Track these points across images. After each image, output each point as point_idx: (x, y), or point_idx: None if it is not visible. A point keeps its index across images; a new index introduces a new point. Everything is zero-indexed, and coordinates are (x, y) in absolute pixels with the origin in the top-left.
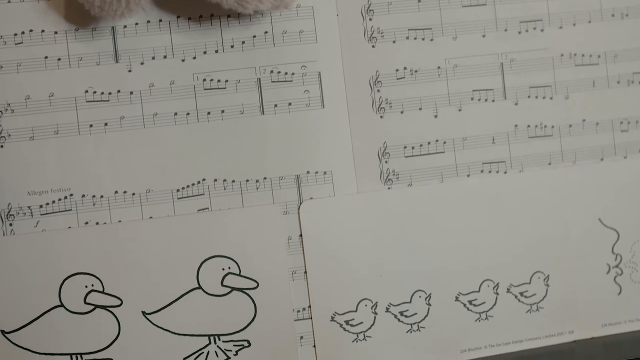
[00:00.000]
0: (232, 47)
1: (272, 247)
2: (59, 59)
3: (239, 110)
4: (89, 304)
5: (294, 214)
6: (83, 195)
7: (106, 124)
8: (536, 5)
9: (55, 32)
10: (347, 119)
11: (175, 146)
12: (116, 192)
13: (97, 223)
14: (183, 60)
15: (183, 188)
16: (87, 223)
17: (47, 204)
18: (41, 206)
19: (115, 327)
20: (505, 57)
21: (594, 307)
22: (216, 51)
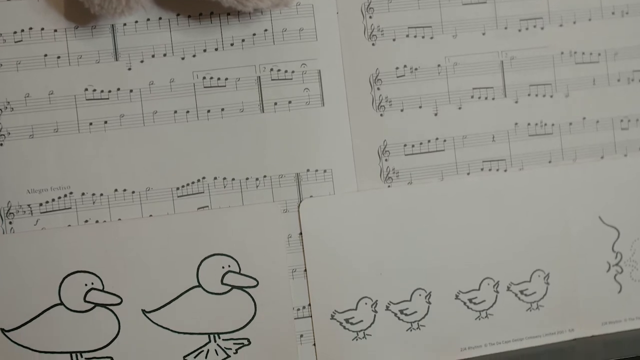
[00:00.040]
0: (232, 45)
1: (272, 246)
2: (59, 57)
3: (238, 109)
4: (88, 302)
5: (294, 212)
6: (83, 194)
7: (106, 122)
8: (536, 3)
9: (55, 30)
10: (347, 117)
11: (175, 144)
12: (116, 190)
13: (97, 221)
14: (183, 59)
15: (183, 186)
16: (87, 221)
17: (47, 202)
18: (41, 204)
19: (115, 325)
20: (506, 55)
21: (594, 305)
22: (216, 49)
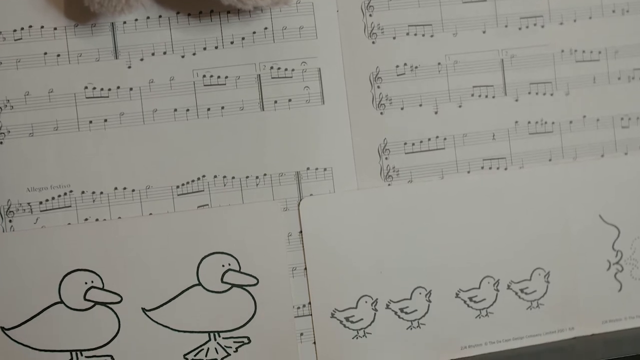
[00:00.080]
0: (231, 43)
1: (272, 244)
2: (59, 55)
3: (238, 107)
4: (88, 300)
5: (294, 210)
6: (83, 192)
7: (106, 120)
8: (537, 2)
9: (55, 28)
10: (347, 115)
11: (175, 142)
12: (116, 188)
13: (96, 220)
14: (183, 57)
15: (183, 184)
16: (86, 219)
17: (47, 200)
18: (41, 203)
19: (115, 323)
20: (506, 53)
21: (595, 303)
22: (216, 47)
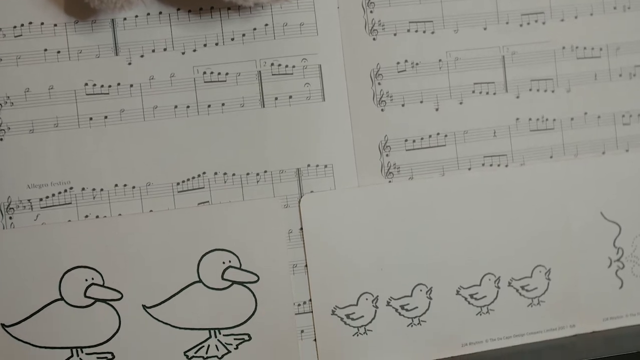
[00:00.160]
0: (232, 39)
1: (273, 241)
2: (59, 52)
3: (239, 103)
4: (89, 297)
5: (295, 207)
6: (83, 189)
7: (106, 117)
8: None
9: (55, 25)
10: (347, 112)
11: (176, 139)
12: (116, 185)
13: (97, 216)
14: (183, 53)
15: (183, 181)
16: (87, 216)
17: (47, 197)
18: (41, 199)
19: (115, 320)
20: (507, 50)
21: (596, 301)
22: (216, 44)
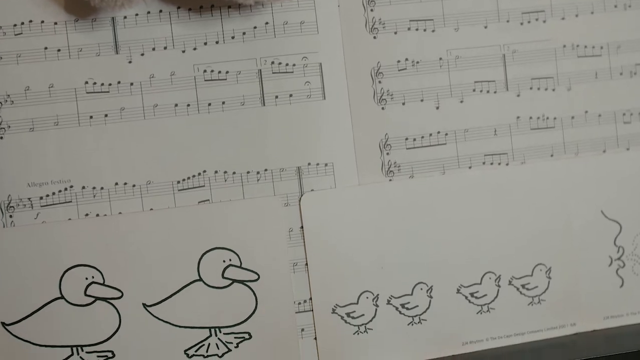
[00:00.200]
0: (232, 38)
1: (273, 239)
2: (59, 50)
3: (239, 102)
4: (89, 296)
5: (295, 205)
6: (83, 187)
7: (106, 115)
8: None
9: (55, 23)
10: (348, 110)
11: (176, 138)
12: (116, 183)
13: (97, 215)
14: (183, 51)
15: (183, 180)
16: (87, 215)
17: (47, 195)
18: (41, 198)
19: (115, 319)
20: (508, 48)
21: (596, 299)
22: (217, 42)
